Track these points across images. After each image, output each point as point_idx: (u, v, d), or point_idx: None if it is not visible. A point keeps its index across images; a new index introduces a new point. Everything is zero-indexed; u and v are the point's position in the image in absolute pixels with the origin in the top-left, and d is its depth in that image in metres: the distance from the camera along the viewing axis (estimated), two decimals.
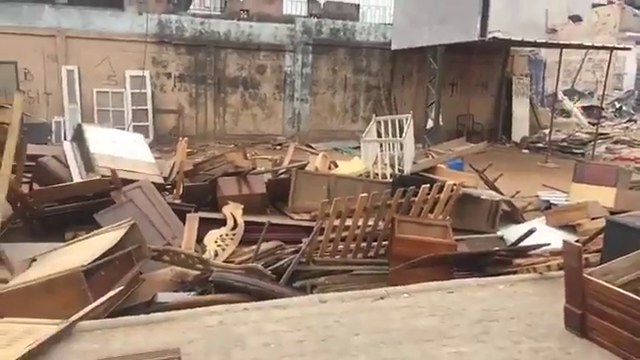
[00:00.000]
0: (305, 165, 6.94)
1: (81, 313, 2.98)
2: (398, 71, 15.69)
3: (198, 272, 4.35)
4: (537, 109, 17.24)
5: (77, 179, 5.51)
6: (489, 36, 11.68)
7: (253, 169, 6.48)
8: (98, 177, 5.43)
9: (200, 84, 14.44)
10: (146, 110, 13.75)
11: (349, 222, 5.02)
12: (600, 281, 2.95)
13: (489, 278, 4.10)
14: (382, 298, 3.50)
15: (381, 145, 7.49)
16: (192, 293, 4.17)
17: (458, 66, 15.26)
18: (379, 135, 8.29)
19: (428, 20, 12.77)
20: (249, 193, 6.12)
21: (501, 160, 11.30)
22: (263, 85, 14.89)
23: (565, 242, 3.22)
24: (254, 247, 4.90)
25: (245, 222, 5.49)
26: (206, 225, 5.38)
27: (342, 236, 5.04)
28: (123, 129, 11.44)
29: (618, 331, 2.85)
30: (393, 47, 14.80)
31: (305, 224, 5.66)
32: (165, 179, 6.37)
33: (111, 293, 3.35)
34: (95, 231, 4.33)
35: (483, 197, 6.35)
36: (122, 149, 6.16)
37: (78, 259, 3.48)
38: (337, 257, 5.05)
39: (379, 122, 8.21)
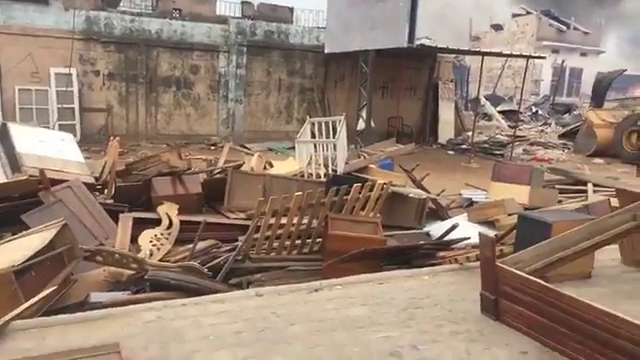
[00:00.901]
0: (241, 165, 7.01)
1: (13, 313, 2.94)
2: (331, 74, 16.03)
3: (133, 271, 4.34)
4: (462, 113, 18.17)
5: (2, 179, 5.30)
6: (417, 43, 12.22)
7: (188, 169, 6.48)
8: (25, 177, 5.25)
9: (131, 83, 14.07)
10: (72, 109, 13.23)
11: (284, 220, 5.17)
12: (511, 269, 3.28)
13: (415, 270, 4.39)
14: (317, 290, 3.68)
15: (315, 146, 7.70)
16: (127, 293, 4.16)
17: (388, 70, 15.81)
18: (313, 136, 8.49)
19: (360, 26, 13.17)
20: (184, 193, 6.12)
21: (428, 160, 11.86)
22: (197, 85, 14.74)
23: (481, 234, 3.53)
24: (190, 246, 4.94)
25: (180, 222, 5.50)
26: (140, 225, 5.34)
27: (277, 234, 5.18)
28: (48, 128, 10.96)
29: (527, 313, 3.18)
30: (326, 50, 15.11)
31: (241, 223, 5.75)
32: (96, 179, 6.23)
33: (43, 293, 3.31)
34: (24, 232, 4.22)
35: (411, 195, 6.70)
36: (50, 148, 5.97)
37: (7, 259, 3.40)
38: (273, 254, 5.19)
39: (313, 123, 8.42)
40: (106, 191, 6.20)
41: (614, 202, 5.66)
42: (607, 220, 3.87)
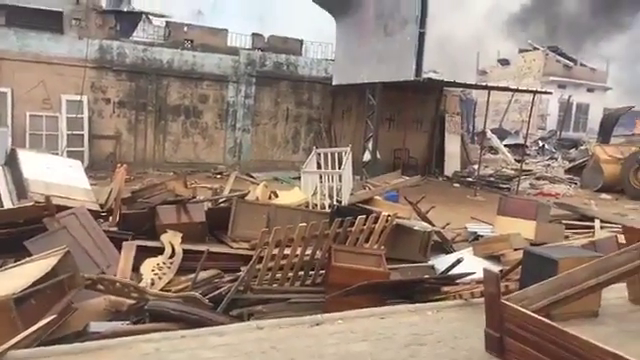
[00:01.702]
0: (246, 194, 7.02)
1: (10, 343, 2.91)
2: (338, 105, 16.19)
3: (133, 301, 4.31)
4: (467, 146, 18.21)
5: (8, 205, 5.33)
6: (424, 76, 12.36)
7: (193, 197, 6.49)
8: (31, 203, 5.28)
9: (140, 111, 14.27)
10: (82, 135, 13.39)
11: (288, 251, 5.14)
12: (516, 306, 3.22)
13: (419, 304, 4.32)
14: (318, 324, 3.62)
15: (320, 176, 7.71)
16: (126, 322, 4.12)
17: (395, 103, 15.96)
18: (319, 166, 8.51)
19: (367, 58, 13.37)
20: (188, 222, 6.11)
21: (434, 193, 11.84)
22: (205, 114, 14.92)
23: (485, 270, 3.49)
24: (192, 276, 4.91)
25: (184, 250, 5.48)
26: (143, 254, 5.32)
27: (280, 265, 5.15)
28: (57, 154, 11.08)
29: (531, 352, 3.10)
30: (334, 82, 15.30)
31: (244, 253, 5.72)
32: (101, 206, 6.25)
33: (42, 322, 3.28)
34: (26, 258, 4.21)
35: (416, 228, 6.67)
36: (57, 175, 6.02)
37: (8, 287, 3.39)
38: (275, 286, 5.14)
39: (319, 154, 8.45)
40: (111, 218, 6.20)
41: (621, 239, 5.59)
42: (614, 258, 3.82)
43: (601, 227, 8.21)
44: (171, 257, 5.32)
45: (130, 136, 14.23)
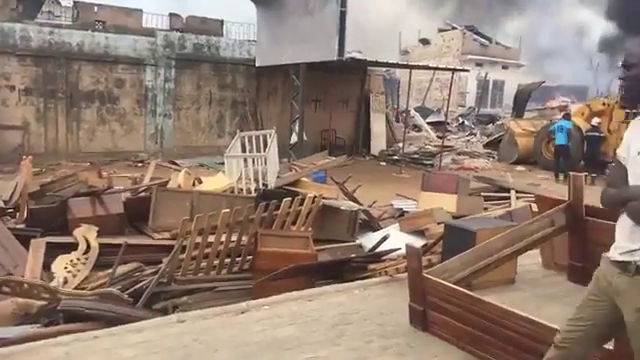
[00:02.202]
0: (166, 182, 6.73)
1: None
2: (263, 87, 15.93)
3: (44, 302, 4.01)
4: (392, 124, 18.56)
5: None
6: (347, 56, 12.37)
7: (108, 188, 6.13)
8: None
9: (49, 98, 13.31)
10: None
11: (212, 239, 4.98)
12: (437, 279, 3.28)
13: (346, 284, 4.33)
14: (243, 312, 3.53)
15: (245, 160, 7.53)
16: (37, 326, 3.83)
17: (320, 83, 15.92)
18: (244, 150, 8.32)
19: (290, 38, 13.18)
20: (105, 214, 5.77)
21: (361, 172, 11.96)
22: (122, 100, 14.16)
23: (407, 246, 3.53)
24: (110, 271, 4.64)
25: (100, 244, 5.17)
26: (56, 250, 4.97)
27: (205, 253, 4.98)
28: None
29: (453, 323, 3.18)
30: (258, 64, 15.01)
31: (167, 243, 5.48)
32: (5, 202, 5.77)
33: None
34: None
35: (342, 208, 6.68)
36: None
37: None
38: (201, 275, 4.98)
39: (243, 137, 8.25)
40: (18, 215, 5.74)
41: (535, 208, 5.88)
42: (528, 226, 3.99)
43: (517, 197, 8.63)
44: (86, 252, 5.01)
45: (39, 126, 13.26)
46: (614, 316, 2.08)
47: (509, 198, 8.63)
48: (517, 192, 9.06)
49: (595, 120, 13.66)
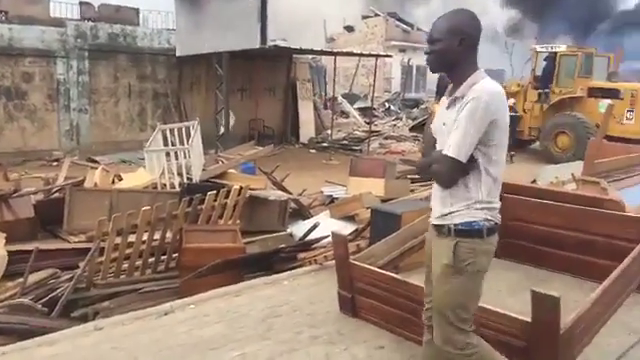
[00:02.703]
0: (82, 181, 6.33)
1: None
2: (186, 77, 15.39)
3: None
4: (320, 112, 18.57)
5: None
6: (270, 44, 12.18)
7: (15, 191, 5.67)
8: None
9: None
10: None
11: (133, 238, 4.74)
12: (363, 264, 3.27)
13: (275, 275, 4.26)
14: (167, 314, 3.37)
15: (168, 154, 7.24)
16: None
17: (245, 72, 15.61)
18: (166, 143, 7.99)
19: (211, 27, 12.78)
20: (13, 219, 5.35)
21: (290, 161, 11.91)
22: (31, 95, 13.18)
23: (333, 233, 3.49)
24: (21, 280, 4.30)
25: (9, 252, 4.77)
26: None
27: (127, 254, 4.73)
28: None
29: (381, 307, 3.19)
30: (178, 53, 14.46)
31: (84, 246, 5.14)
32: None
33: None
34: None
35: (271, 198, 6.59)
36: None
37: None
38: (123, 277, 4.73)
39: (165, 130, 7.92)
40: None
41: None
42: None
43: None
44: None
45: None
46: None
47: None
48: None
49: (511, 101, 14.32)
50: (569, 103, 13.85)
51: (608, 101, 12.71)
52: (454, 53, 2.10)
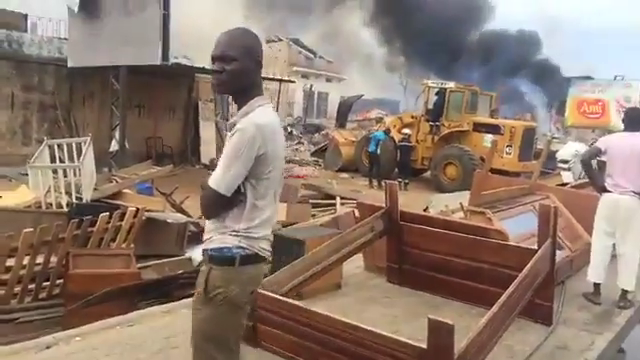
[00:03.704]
0: None
1: None
2: (78, 90, 14.47)
3: None
4: (223, 132, 18.33)
5: None
6: (172, 61, 11.87)
7: None
8: None
9: None
10: None
11: (12, 262, 4.31)
12: (265, 292, 3.22)
13: (174, 303, 4.07)
14: (49, 347, 3.07)
15: (55, 171, 6.73)
16: None
17: (144, 88, 15.02)
18: (54, 160, 7.44)
19: (108, 39, 12.18)
20: None
21: (191, 182, 11.49)
22: None
23: None
24: None
25: None
26: None
27: (3, 279, 4.29)
28: None
29: (283, 336, 3.15)
30: (70, 64, 13.58)
31: None
32: None
33: None
34: None
35: (169, 221, 6.35)
36: None
37: None
38: None
39: (53, 145, 7.37)
40: None
41: (357, 213, 6.23)
42: (351, 233, 4.17)
43: (341, 203, 9.12)
44: None
45: None
46: None
47: (335, 204, 9.08)
48: (342, 198, 9.58)
49: (405, 131, 15.15)
50: (457, 136, 14.93)
51: (490, 136, 13.92)
52: (250, 75, 2.00)
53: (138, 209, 5.53)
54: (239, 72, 1.97)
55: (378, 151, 14.50)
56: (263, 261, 2.10)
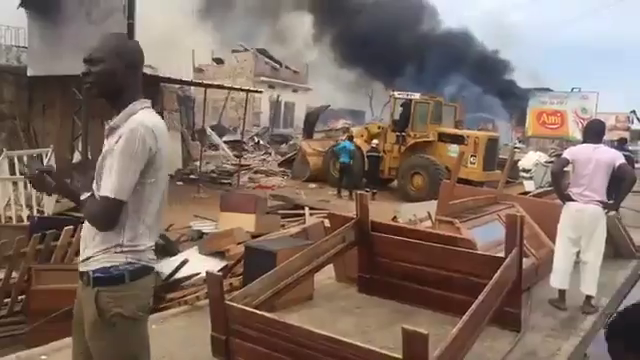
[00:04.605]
0: None
1: None
2: (38, 100, 14.06)
3: None
4: (188, 143, 18.12)
5: None
6: None
7: None
8: None
9: None
10: None
11: None
12: (238, 305, 3.19)
13: None
14: None
15: (15, 183, 6.51)
16: None
17: None
18: (14, 172, 7.19)
19: (70, 47, 11.86)
20: None
21: None
22: None
23: (208, 273, 3.37)
24: None
25: None
26: None
27: None
28: None
29: (256, 349, 3.12)
30: (30, 73, 13.19)
31: None
32: None
33: None
34: None
35: None
36: None
37: None
38: None
39: (12, 157, 7.13)
40: None
41: (327, 223, 6.24)
42: (322, 244, 4.17)
43: (310, 214, 9.12)
44: None
45: None
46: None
47: (304, 215, 9.07)
48: (310, 208, 9.57)
49: (374, 142, 15.30)
50: (423, 146, 15.17)
51: (455, 146, 14.21)
52: (119, 77, 1.96)
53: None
54: (106, 73, 1.94)
55: (350, 161, 14.58)
56: (152, 271, 2.02)
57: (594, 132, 4.63)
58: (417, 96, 15.73)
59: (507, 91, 28.19)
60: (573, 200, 4.45)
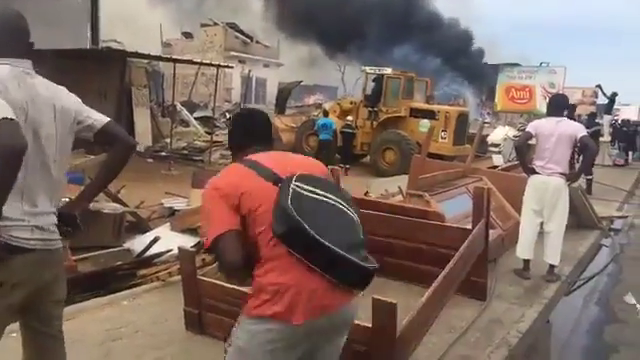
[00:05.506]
0: None
1: None
2: None
3: None
4: (158, 119, 17.79)
5: None
6: (103, 45, 11.37)
7: None
8: None
9: None
10: None
11: None
12: (211, 279, 3.22)
13: (113, 295, 3.98)
14: None
15: None
16: None
17: (73, 74, 14.14)
18: None
19: (31, 22, 11.42)
20: None
21: (126, 170, 11.05)
22: None
23: (180, 249, 3.39)
24: None
25: None
26: None
27: None
28: None
29: (229, 322, 3.16)
30: None
31: None
32: None
33: None
34: None
35: (105, 211, 6.14)
36: None
37: None
38: None
39: None
40: None
41: None
42: None
43: None
44: None
45: None
46: None
47: None
48: None
49: (349, 118, 15.32)
50: (394, 121, 15.26)
51: (426, 121, 14.34)
52: None
53: (70, 199, 5.30)
54: None
55: (331, 138, 14.57)
56: (20, 252, 1.71)
57: (557, 105, 4.74)
58: (389, 71, 15.74)
59: (473, 68, 28.28)
60: (537, 173, 4.58)
